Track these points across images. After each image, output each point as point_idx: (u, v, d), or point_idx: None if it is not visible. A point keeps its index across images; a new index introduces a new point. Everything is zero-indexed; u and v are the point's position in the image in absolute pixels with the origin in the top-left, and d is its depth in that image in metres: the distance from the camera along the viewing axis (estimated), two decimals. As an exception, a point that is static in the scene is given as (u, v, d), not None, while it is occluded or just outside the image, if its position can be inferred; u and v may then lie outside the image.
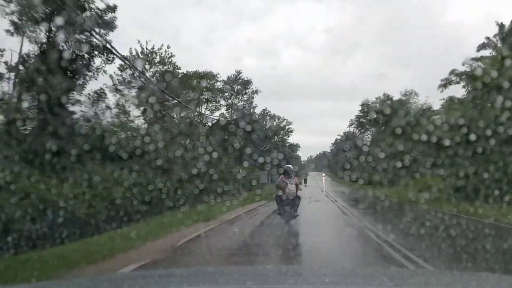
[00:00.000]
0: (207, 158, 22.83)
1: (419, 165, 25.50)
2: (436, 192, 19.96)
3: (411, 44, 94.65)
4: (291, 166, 14.51)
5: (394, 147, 25.85)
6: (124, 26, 31.28)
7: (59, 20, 14.72)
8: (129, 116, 24.43)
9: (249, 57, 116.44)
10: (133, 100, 25.15)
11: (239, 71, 40.26)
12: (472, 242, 8.89)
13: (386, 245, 9.33)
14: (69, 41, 16.97)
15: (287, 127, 57.67)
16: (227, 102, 39.81)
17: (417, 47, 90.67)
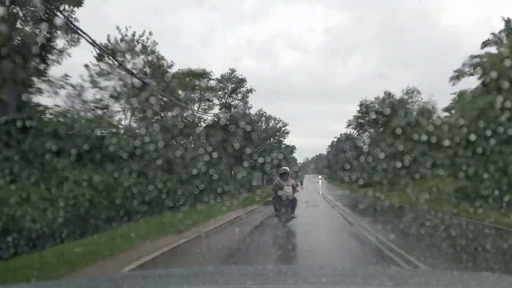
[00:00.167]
0: (196, 158, 21.54)
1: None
2: (455, 195, 17.91)
3: (410, 45, 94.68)
4: (288, 168, 14.62)
5: (394, 147, 25.49)
6: (122, 26, 30.31)
7: None
8: (108, 111, 22.61)
9: (246, 58, 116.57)
10: (113, 94, 23.07)
11: (233, 69, 39.07)
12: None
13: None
14: (25, 17, 14.75)
15: (283, 129, 56.82)
16: (221, 102, 38.55)
17: (416, 49, 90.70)
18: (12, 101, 13.68)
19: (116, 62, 21.51)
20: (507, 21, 25.75)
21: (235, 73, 38.99)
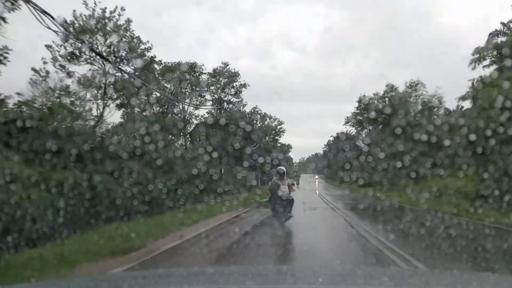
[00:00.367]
0: (179, 152, 19.77)
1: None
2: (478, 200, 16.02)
3: (410, 46, 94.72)
4: (284, 168, 14.62)
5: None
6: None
7: None
8: (76, 98, 20.14)
9: (244, 58, 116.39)
10: (82, 80, 20.53)
11: (226, 63, 36.50)
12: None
13: None
14: None
15: (279, 127, 55.29)
16: (213, 97, 36.14)
17: (416, 49, 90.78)
18: None
19: (82, 43, 18.86)
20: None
21: (228, 67, 36.73)
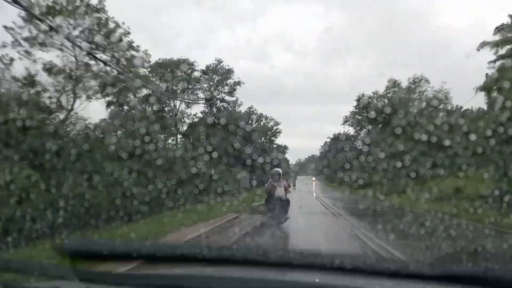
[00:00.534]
0: (165, 149, 18.65)
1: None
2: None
3: (408, 47, 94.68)
4: (280, 170, 14.58)
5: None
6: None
7: None
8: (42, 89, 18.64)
9: (243, 59, 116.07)
10: (49, 67, 18.80)
11: (220, 60, 35.58)
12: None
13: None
14: None
15: (275, 128, 53.46)
16: (206, 95, 34.84)
17: (416, 49, 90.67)
18: None
19: (42, 22, 16.43)
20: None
21: (222, 64, 35.85)
